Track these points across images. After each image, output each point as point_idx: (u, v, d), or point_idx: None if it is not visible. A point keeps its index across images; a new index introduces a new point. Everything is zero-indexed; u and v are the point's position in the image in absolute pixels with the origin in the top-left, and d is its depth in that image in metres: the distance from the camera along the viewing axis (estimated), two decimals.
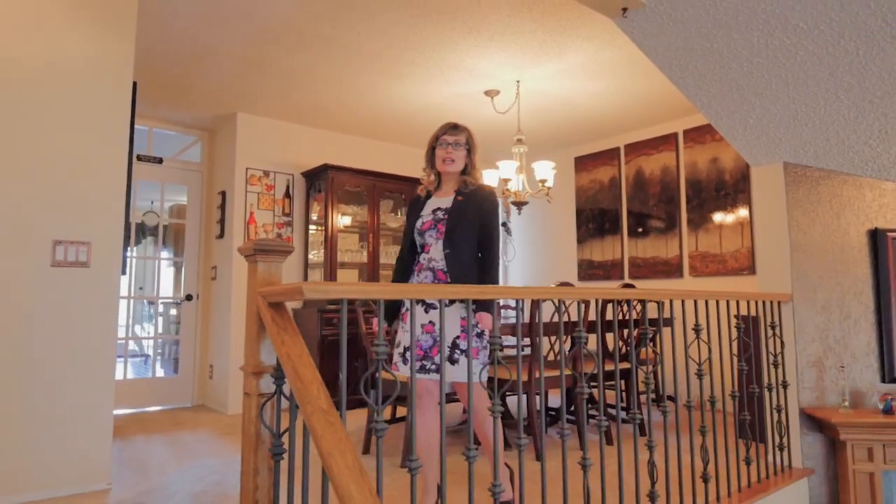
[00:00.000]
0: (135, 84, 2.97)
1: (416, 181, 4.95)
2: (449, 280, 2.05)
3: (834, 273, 2.90)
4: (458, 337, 2.03)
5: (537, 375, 2.87)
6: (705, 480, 2.28)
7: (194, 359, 4.83)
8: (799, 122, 2.62)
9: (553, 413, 3.86)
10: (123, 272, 2.88)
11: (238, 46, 3.37)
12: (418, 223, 2.18)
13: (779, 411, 2.75)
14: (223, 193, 4.71)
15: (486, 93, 4.07)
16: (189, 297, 4.86)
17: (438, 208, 2.17)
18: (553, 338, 3.40)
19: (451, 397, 2.89)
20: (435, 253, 2.12)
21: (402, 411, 3.52)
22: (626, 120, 4.77)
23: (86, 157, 2.71)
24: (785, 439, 2.76)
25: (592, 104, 4.35)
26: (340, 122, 4.78)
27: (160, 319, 4.94)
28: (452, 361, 2.02)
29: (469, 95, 4.13)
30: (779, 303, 2.85)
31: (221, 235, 4.67)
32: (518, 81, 3.86)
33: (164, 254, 5.01)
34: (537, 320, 2.94)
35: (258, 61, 3.58)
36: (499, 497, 1.48)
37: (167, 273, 5.05)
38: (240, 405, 4.40)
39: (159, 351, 4.93)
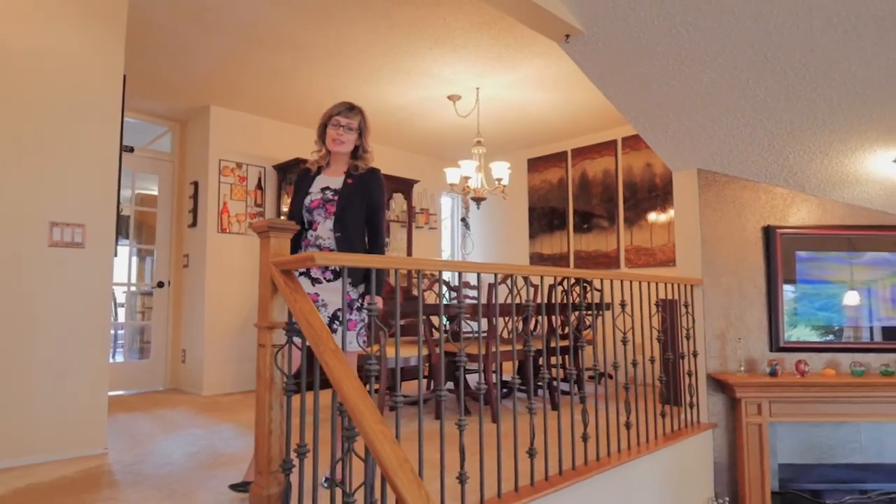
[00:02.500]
0: (125, 75, 3.19)
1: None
2: None
3: (735, 262, 3.49)
4: (339, 309, 2.11)
5: (494, 350, 3.31)
6: (627, 427, 2.78)
7: (166, 344, 5.02)
8: (708, 136, 3.18)
9: (505, 390, 4.32)
10: (116, 254, 3.12)
11: (220, 44, 3.64)
12: (307, 200, 2.21)
13: (690, 375, 3.31)
14: (196, 184, 4.92)
15: (449, 97, 4.49)
16: (161, 284, 5.04)
17: (328, 187, 2.21)
18: (507, 318, 3.85)
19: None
20: (322, 231, 2.17)
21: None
22: (573, 127, 5.31)
23: (80, 143, 2.88)
24: (695, 398, 3.32)
25: (543, 111, 4.85)
26: (313, 119, 5.03)
27: (124, 307, 5.07)
28: (331, 332, 1.99)
29: (433, 99, 4.54)
30: (691, 286, 3.41)
31: (194, 224, 4.88)
32: (478, 88, 4.30)
33: (125, 242, 5.12)
34: (494, 300, 3.39)
35: (237, 59, 3.86)
36: None
37: (132, 262, 5.18)
38: (215, 387, 4.66)
39: (125, 338, 5.06)
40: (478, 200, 4.28)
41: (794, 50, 2.41)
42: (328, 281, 2.15)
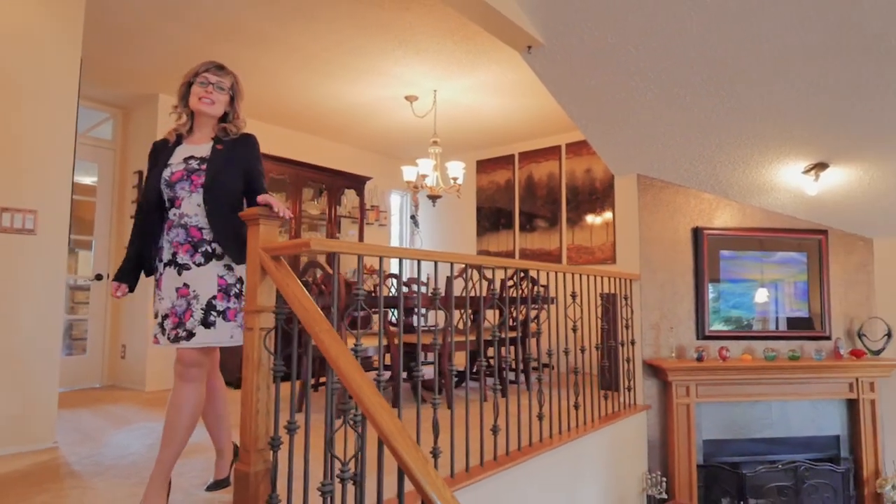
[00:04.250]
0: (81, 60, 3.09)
1: (337, 173, 5.43)
2: (204, 238, 1.89)
3: (668, 260, 3.87)
4: (214, 297, 1.87)
5: (449, 340, 3.48)
6: (576, 408, 3.05)
7: (104, 339, 4.81)
8: (648, 145, 3.52)
9: (457, 378, 4.52)
10: (70, 244, 3.01)
11: (179, 33, 3.58)
12: (166, 173, 1.88)
13: (628, 362, 3.64)
14: (140, 173, 4.75)
15: (407, 97, 4.62)
16: (99, 277, 4.82)
17: (192, 157, 1.91)
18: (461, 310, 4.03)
19: None
20: (188, 208, 1.87)
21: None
22: (522, 131, 5.59)
23: (34, 126, 2.78)
24: (632, 382, 3.66)
25: (495, 116, 5.09)
26: (269, 113, 5.05)
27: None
28: (208, 324, 1.84)
29: (391, 98, 4.65)
30: (630, 280, 3.75)
31: None
32: (436, 91, 4.46)
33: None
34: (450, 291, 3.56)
35: (197, 49, 3.80)
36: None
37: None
38: (159, 382, 4.52)
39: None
40: (434, 198, 4.44)
41: (727, 72, 2.76)
42: (198, 266, 1.87)
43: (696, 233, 3.90)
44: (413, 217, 6.44)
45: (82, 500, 2.04)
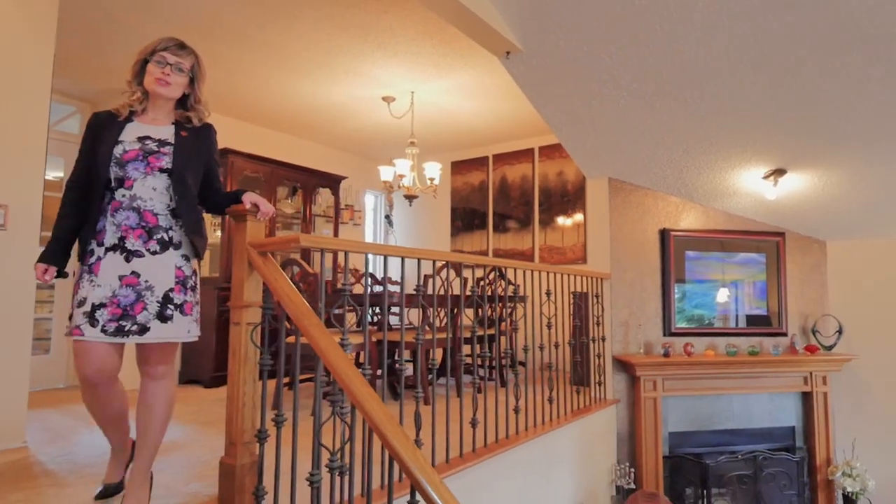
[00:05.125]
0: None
1: (312, 171, 5.42)
2: (160, 224, 1.77)
3: (637, 259, 4.02)
4: (171, 290, 1.76)
5: (428, 337, 3.54)
6: (550, 402, 3.15)
7: (69, 338, 4.67)
8: (619, 150, 3.66)
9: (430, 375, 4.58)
10: (40, 241, 2.95)
11: (156, 28, 3.54)
12: (118, 150, 1.74)
13: (599, 358, 3.77)
14: None
15: (384, 98, 4.66)
16: (64, 275, 4.69)
17: (148, 137, 1.79)
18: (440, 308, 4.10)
19: None
20: (142, 190, 1.75)
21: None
22: (496, 134, 5.70)
23: (5, 121, 2.72)
24: (602, 378, 3.79)
25: (470, 118, 5.18)
26: (245, 111, 5.02)
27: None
28: (165, 318, 1.73)
29: (369, 99, 4.69)
30: (601, 279, 3.89)
31: None
32: (413, 92, 4.52)
33: None
34: (429, 290, 3.63)
35: None
36: None
37: None
38: (129, 382, 4.37)
39: None
40: (410, 198, 4.49)
41: (694, 82, 2.91)
42: (153, 254, 1.75)
43: (664, 234, 4.07)
44: (388, 217, 6.48)
45: (60, 497, 2.02)
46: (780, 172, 3.58)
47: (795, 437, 4.11)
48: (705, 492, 3.82)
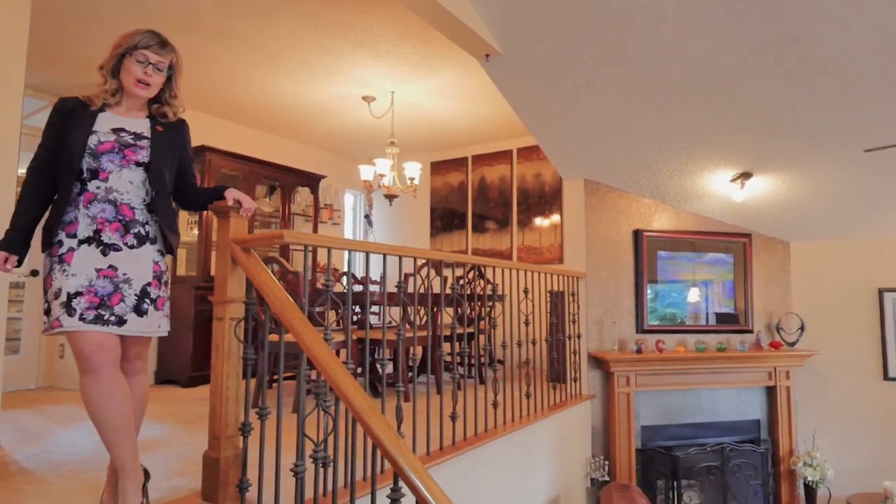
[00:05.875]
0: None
1: (291, 170, 5.41)
2: (137, 218, 1.76)
3: (611, 259, 4.14)
4: (149, 284, 1.76)
5: (410, 335, 3.59)
6: (528, 397, 3.23)
7: (40, 338, 4.59)
8: (594, 152, 3.77)
9: (410, 372, 4.62)
10: None
11: (134, 22, 3.47)
12: (92, 140, 1.71)
13: (574, 354, 3.87)
14: None
15: (364, 98, 4.69)
16: (35, 273, 4.59)
17: (123, 129, 1.77)
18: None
19: None
20: (118, 183, 1.73)
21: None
22: (476, 135, 5.78)
23: None
24: (578, 374, 3.89)
25: (450, 119, 5.25)
26: (224, 108, 4.98)
27: None
28: (141, 312, 1.72)
29: (349, 98, 4.71)
30: (577, 278, 3.99)
31: None
32: (393, 92, 4.56)
33: None
34: (408, 289, 3.67)
35: None
36: None
37: None
38: None
39: None
40: (391, 197, 4.53)
41: (665, 88, 3.02)
42: (130, 248, 1.74)
43: (637, 234, 4.20)
44: (367, 216, 6.50)
45: (39, 494, 2.01)
46: (746, 176, 3.74)
47: (760, 430, 4.28)
48: (675, 483, 3.96)
